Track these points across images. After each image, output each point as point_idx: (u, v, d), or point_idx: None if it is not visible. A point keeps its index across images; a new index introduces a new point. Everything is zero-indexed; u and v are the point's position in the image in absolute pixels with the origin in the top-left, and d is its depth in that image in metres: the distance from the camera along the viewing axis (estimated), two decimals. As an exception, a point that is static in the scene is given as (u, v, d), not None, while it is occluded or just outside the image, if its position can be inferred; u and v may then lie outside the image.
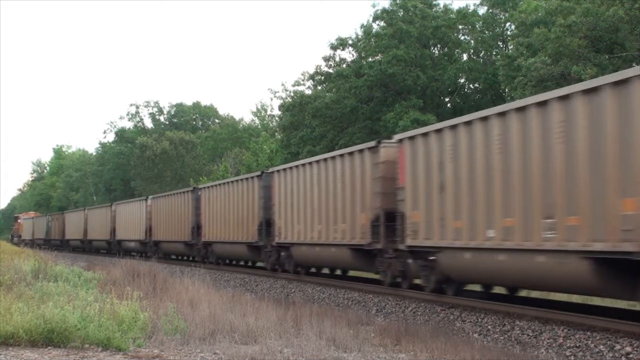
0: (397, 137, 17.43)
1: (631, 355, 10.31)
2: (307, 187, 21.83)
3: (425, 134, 15.81)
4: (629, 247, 10.38)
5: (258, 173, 26.79)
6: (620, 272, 10.94)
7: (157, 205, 39.79)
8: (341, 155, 20.09)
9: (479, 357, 10.30)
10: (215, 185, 31.82)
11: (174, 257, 39.02)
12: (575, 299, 15.84)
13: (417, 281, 16.74)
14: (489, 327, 13.25)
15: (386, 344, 11.40)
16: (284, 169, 24.07)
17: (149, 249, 39.85)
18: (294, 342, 10.71)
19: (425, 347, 10.87)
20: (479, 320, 13.71)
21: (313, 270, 24.06)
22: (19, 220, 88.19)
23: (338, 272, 23.43)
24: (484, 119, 13.61)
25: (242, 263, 31.20)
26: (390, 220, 17.22)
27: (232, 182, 29.42)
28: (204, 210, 32.08)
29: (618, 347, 10.62)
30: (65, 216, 64.85)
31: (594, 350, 10.85)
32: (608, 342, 10.85)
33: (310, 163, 22.11)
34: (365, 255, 18.63)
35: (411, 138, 16.40)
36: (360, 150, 18.97)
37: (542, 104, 12.06)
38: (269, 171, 25.95)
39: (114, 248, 46.26)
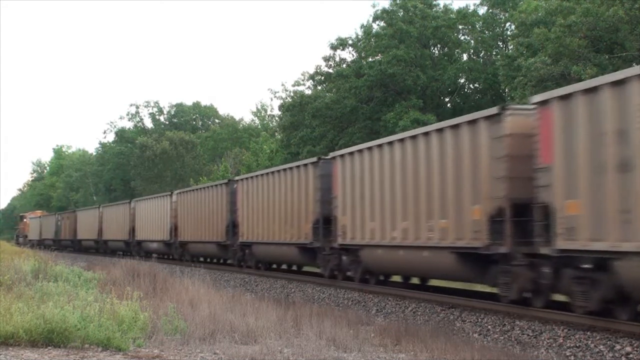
0: (536, 98, 12.64)
1: (631, 355, 10.31)
2: (384, 175, 17.56)
3: (589, 91, 11.25)
4: None
5: (314, 159, 22.38)
6: None
7: (184, 201, 34.94)
8: (439, 130, 15.52)
9: (478, 357, 10.30)
10: (256, 176, 27.21)
11: (202, 259, 33.96)
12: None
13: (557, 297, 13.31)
14: (489, 327, 13.25)
15: (386, 344, 11.40)
16: (350, 153, 19.62)
17: (175, 250, 35.88)
18: (294, 342, 10.70)
19: (425, 347, 10.88)
20: (479, 320, 13.72)
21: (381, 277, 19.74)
22: (24, 220, 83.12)
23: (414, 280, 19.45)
24: None
25: (284, 267, 27.93)
26: (520, 214, 13.11)
27: (278, 171, 24.92)
28: (241, 206, 27.82)
29: (618, 347, 10.63)
30: (77, 215, 59.02)
31: (594, 351, 10.85)
32: (608, 342, 10.85)
33: (389, 143, 17.53)
34: (478, 261, 14.25)
35: (564, 97, 11.79)
36: (472, 121, 14.47)
37: None
38: (328, 157, 21.61)
39: (133, 249, 41.41)
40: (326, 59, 46.38)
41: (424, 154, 15.91)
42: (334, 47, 45.42)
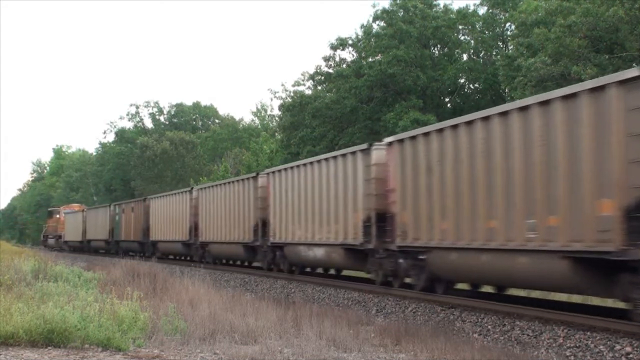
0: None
1: (631, 356, 10.31)
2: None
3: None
4: None
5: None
6: None
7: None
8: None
9: (479, 357, 10.30)
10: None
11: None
12: (575, 299, 15.84)
13: None
14: (489, 327, 13.25)
15: (386, 344, 11.40)
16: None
17: (372, 263, 18.65)
18: (294, 342, 10.71)
19: (425, 347, 10.87)
20: (479, 320, 13.71)
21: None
22: (56, 215, 65.83)
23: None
24: None
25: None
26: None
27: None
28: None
29: (618, 347, 10.62)
30: (150, 204, 38.74)
31: (594, 351, 10.85)
32: (608, 342, 10.85)
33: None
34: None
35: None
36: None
37: None
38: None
39: (264, 256, 25.65)
40: (326, 59, 46.39)
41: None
42: (334, 47, 45.44)
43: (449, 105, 44.48)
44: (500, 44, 43.64)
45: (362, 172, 18.22)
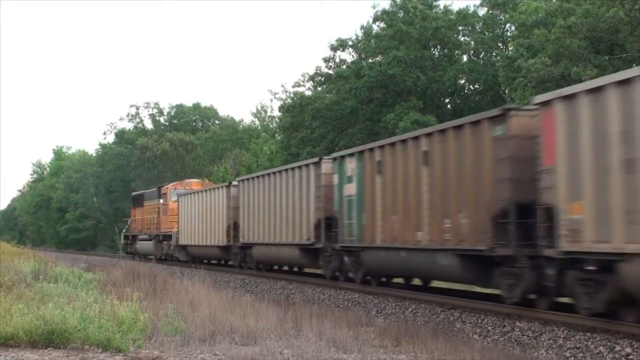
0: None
1: (631, 357, 10.31)
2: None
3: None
4: None
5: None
6: None
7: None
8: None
9: (479, 358, 10.30)
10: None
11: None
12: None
13: None
14: (489, 328, 13.25)
15: (386, 345, 11.41)
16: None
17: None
18: (294, 343, 10.71)
19: (425, 348, 10.88)
20: (479, 321, 13.71)
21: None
22: (159, 201, 39.57)
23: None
24: None
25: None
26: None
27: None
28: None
29: (618, 348, 10.62)
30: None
31: (594, 352, 10.85)
32: (608, 343, 10.85)
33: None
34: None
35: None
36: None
37: None
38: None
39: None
40: (326, 60, 46.42)
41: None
42: (334, 48, 45.46)
43: (449, 106, 44.48)
44: (500, 44, 43.63)
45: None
